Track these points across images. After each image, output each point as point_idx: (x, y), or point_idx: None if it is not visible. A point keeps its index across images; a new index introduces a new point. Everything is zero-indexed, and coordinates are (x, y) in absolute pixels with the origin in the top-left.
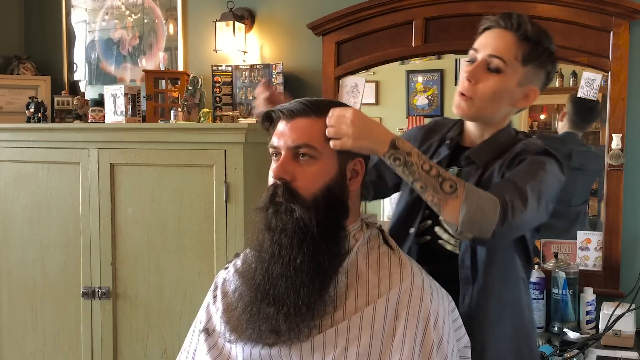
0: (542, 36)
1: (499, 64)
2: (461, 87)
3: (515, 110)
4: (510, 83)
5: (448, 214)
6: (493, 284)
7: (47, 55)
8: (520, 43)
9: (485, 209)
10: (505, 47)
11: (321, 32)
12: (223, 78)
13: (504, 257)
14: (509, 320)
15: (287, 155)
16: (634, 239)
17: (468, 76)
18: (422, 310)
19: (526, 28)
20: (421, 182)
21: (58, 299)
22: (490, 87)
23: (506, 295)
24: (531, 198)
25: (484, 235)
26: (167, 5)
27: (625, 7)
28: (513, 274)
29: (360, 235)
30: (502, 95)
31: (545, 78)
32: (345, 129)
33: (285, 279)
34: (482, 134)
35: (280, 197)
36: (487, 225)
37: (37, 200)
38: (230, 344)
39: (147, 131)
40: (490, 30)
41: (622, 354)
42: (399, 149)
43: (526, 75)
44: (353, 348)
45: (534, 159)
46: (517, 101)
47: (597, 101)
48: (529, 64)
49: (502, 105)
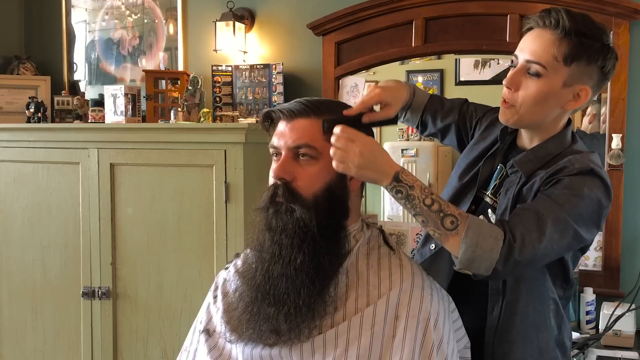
0: (587, 29)
1: (537, 69)
2: (503, 95)
3: (567, 113)
4: (554, 85)
5: (449, 249)
6: (519, 301)
7: (47, 55)
8: (560, 42)
9: (485, 247)
10: (543, 49)
11: (321, 32)
12: (223, 78)
13: (534, 276)
14: (535, 341)
15: (288, 155)
16: (634, 239)
17: (507, 83)
18: (422, 311)
19: (565, 24)
20: (422, 216)
21: (58, 299)
22: (531, 92)
23: (532, 315)
24: (551, 230)
25: (483, 273)
26: (167, 5)
27: (625, 7)
28: (542, 293)
29: (360, 236)
30: (547, 99)
31: (600, 74)
32: (352, 157)
33: (285, 279)
34: (532, 138)
35: (280, 197)
36: (485, 264)
37: (37, 200)
38: (231, 345)
39: (147, 131)
40: (530, 31)
41: (622, 354)
42: (402, 182)
43: (572, 75)
44: (353, 349)
45: (573, 181)
46: (566, 103)
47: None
48: (574, 62)
49: (548, 110)
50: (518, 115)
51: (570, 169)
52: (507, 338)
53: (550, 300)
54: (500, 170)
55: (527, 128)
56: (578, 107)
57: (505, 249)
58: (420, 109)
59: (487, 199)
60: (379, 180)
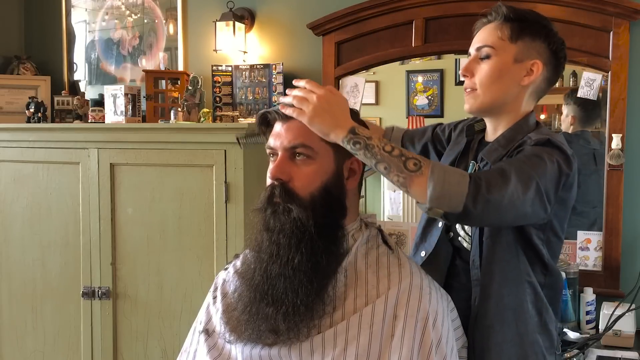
0: (526, 13)
1: (487, 51)
2: (464, 86)
3: (526, 91)
4: (506, 61)
5: (415, 192)
6: (492, 282)
7: (47, 55)
8: (502, 25)
9: (452, 181)
10: (489, 34)
11: (321, 32)
12: (223, 78)
13: (504, 257)
14: (512, 325)
15: (284, 155)
16: (634, 239)
17: (463, 72)
18: (420, 310)
19: (503, 12)
20: (384, 162)
21: (58, 299)
22: (486, 72)
23: (507, 297)
24: (515, 179)
25: (455, 209)
26: (167, 5)
27: (625, 7)
28: (515, 275)
29: (359, 235)
30: (501, 76)
31: (548, 51)
32: (309, 100)
33: (283, 278)
34: (497, 128)
35: (277, 198)
36: (456, 197)
37: (37, 200)
38: (230, 345)
39: (147, 131)
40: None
41: (622, 354)
42: (359, 134)
43: (520, 50)
44: (352, 348)
45: (532, 150)
46: (521, 78)
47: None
48: (519, 38)
49: (506, 87)
50: (480, 98)
51: (529, 142)
52: (485, 323)
53: (527, 284)
54: (472, 166)
55: (491, 113)
56: (533, 80)
57: (472, 185)
58: (399, 138)
59: None
60: (333, 131)
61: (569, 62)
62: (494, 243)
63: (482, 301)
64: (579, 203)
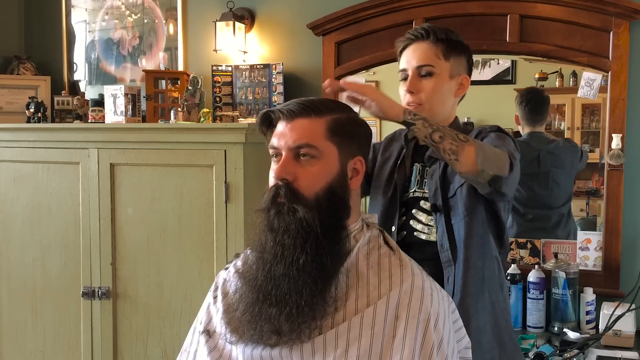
0: (449, 33)
1: (428, 69)
2: (407, 102)
3: (457, 101)
4: (444, 78)
5: (465, 157)
6: (472, 256)
7: (47, 55)
8: (435, 46)
9: (495, 151)
10: (427, 54)
11: (321, 32)
12: (223, 78)
13: (479, 232)
14: (487, 294)
15: (288, 155)
16: (634, 239)
17: (409, 89)
18: (422, 311)
19: (434, 32)
20: (440, 132)
21: (58, 299)
22: (430, 89)
23: (484, 269)
24: (517, 156)
25: (502, 172)
26: (167, 5)
27: (625, 7)
28: (488, 250)
29: (360, 236)
30: (442, 91)
31: (467, 64)
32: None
33: (288, 279)
34: None
35: (282, 198)
36: (504, 163)
37: (37, 200)
38: (231, 346)
39: (147, 131)
40: (407, 48)
41: (622, 354)
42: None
43: (453, 67)
44: (353, 349)
45: (497, 134)
46: (455, 91)
47: (539, 88)
48: (450, 57)
49: (446, 100)
50: (426, 111)
51: (485, 131)
52: (466, 294)
53: (494, 258)
54: (417, 169)
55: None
56: (464, 92)
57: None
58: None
59: (414, 195)
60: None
61: (569, 62)
62: (472, 219)
63: (464, 272)
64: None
